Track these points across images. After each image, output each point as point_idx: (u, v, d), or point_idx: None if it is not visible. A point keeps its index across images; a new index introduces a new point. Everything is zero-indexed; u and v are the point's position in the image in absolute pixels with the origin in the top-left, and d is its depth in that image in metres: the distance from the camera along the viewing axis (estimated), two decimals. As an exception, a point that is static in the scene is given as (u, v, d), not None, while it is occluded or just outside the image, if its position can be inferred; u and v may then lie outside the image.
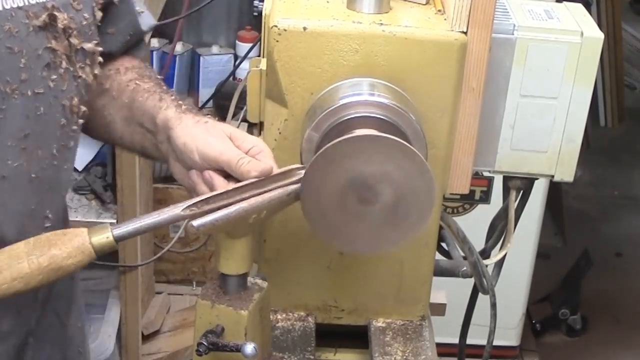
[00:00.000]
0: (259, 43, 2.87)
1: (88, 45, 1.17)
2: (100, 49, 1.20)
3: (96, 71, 1.19)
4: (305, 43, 1.18)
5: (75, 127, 1.20)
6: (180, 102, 1.21)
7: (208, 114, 1.20)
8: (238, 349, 1.08)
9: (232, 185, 1.09)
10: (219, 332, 1.11)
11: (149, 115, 1.21)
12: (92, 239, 1.03)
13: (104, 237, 1.04)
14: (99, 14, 1.20)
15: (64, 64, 1.13)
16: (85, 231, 1.04)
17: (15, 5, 1.07)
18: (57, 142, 1.17)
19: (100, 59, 1.20)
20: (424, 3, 1.26)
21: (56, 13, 1.10)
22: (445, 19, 1.21)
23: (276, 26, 1.17)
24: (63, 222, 1.27)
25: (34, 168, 1.15)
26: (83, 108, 1.19)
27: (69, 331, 1.36)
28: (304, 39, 1.17)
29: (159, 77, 1.31)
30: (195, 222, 1.04)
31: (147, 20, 1.43)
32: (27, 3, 1.08)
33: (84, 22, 1.16)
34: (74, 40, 1.14)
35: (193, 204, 1.06)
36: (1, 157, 1.11)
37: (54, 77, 1.13)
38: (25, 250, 1.02)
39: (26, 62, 1.09)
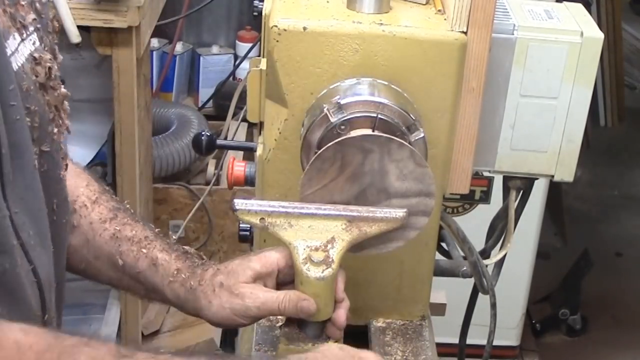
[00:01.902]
0: (259, 43, 2.87)
1: (63, 91, 1.08)
2: (69, 93, 1.10)
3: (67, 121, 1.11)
4: (305, 43, 1.18)
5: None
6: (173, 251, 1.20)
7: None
8: None
9: None
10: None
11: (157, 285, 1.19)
12: None
13: None
14: (60, 57, 1.10)
15: (56, 116, 1.06)
16: None
17: (20, 63, 0.97)
18: (57, 197, 1.09)
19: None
20: (424, 3, 1.26)
21: (49, 64, 1.02)
22: (445, 19, 1.21)
23: (276, 26, 1.17)
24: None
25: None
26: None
27: None
28: (304, 39, 1.17)
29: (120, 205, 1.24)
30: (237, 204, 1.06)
31: None
32: (25, 58, 0.98)
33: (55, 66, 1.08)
34: (59, 89, 1.06)
35: None
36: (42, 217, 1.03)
37: (55, 130, 1.06)
38: None
39: (39, 120, 1.01)
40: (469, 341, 1.65)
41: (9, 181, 0.91)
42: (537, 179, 1.37)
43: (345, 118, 1.14)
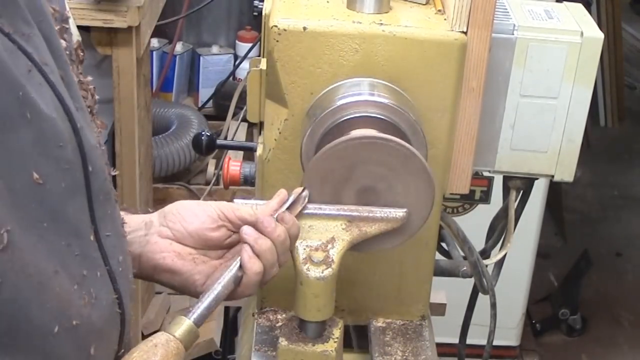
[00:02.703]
0: (259, 43, 2.87)
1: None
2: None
3: None
4: (305, 43, 1.18)
5: None
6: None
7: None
8: None
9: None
10: None
11: None
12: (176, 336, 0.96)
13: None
14: None
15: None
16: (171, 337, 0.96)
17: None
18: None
19: None
20: (424, 3, 1.26)
21: (92, 86, 0.96)
22: (445, 19, 1.21)
23: (276, 26, 1.17)
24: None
25: None
26: None
27: None
28: (304, 39, 1.17)
29: None
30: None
31: None
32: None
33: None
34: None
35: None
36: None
37: None
38: None
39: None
40: (469, 341, 1.65)
41: (97, 200, 0.84)
42: (537, 179, 1.37)
43: (345, 118, 1.14)
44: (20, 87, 0.75)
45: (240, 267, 1.03)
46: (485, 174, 1.36)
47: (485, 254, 1.47)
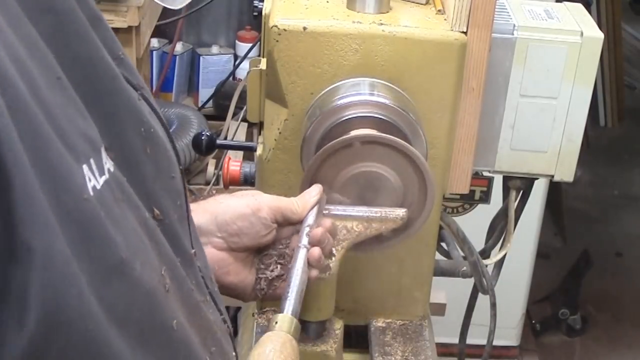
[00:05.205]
0: (259, 43, 2.87)
1: None
2: None
3: None
4: (305, 43, 1.18)
5: None
6: None
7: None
8: None
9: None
10: None
11: None
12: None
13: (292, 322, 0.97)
14: None
15: None
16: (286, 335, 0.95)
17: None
18: None
19: None
20: (424, 3, 1.26)
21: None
22: (445, 19, 1.21)
23: (276, 26, 1.17)
24: None
25: None
26: None
27: None
28: (304, 39, 1.17)
29: None
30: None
31: None
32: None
33: None
34: None
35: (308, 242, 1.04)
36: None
37: None
38: None
39: None
40: (469, 341, 1.65)
41: (192, 223, 0.81)
42: (537, 179, 1.37)
43: (345, 118, 1.14)
44: (142, 123, 0.69)
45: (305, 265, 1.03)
46: (485, 174, 1.36)
47: (485, 254, 1.47)
